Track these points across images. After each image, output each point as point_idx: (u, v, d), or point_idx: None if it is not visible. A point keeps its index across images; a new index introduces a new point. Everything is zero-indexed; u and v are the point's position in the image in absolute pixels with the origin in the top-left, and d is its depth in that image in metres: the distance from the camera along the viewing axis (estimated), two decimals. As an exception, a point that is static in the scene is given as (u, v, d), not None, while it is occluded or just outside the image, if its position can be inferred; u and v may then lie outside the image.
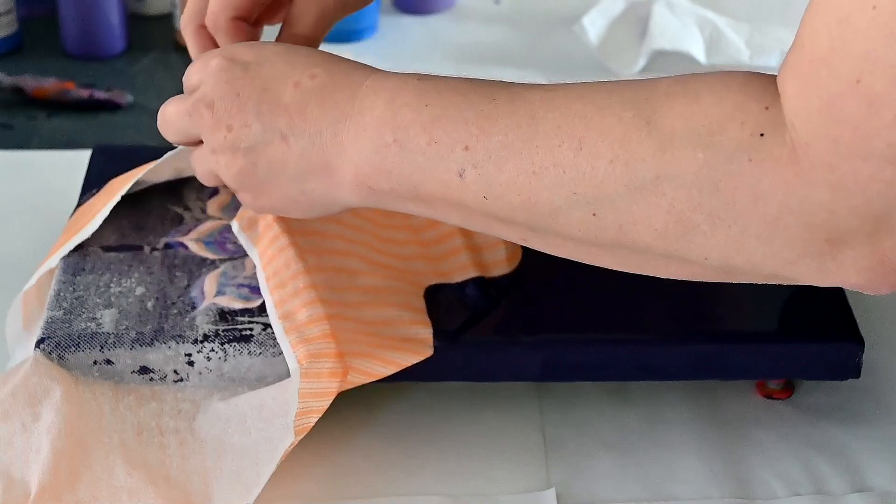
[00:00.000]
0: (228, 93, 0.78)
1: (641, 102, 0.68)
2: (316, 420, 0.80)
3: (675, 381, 0.90)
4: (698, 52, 1.29)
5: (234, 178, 0.79)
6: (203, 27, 0.86)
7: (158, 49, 1.33)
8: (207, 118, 0.79)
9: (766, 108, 0.64)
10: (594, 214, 0.69)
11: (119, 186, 0.93)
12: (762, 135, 0.64)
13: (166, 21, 1.37)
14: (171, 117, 0.82)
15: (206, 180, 0.83)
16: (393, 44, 1.32)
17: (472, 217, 0.74)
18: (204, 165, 0.82)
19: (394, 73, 0.77)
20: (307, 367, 0.80)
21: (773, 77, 0.66)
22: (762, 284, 0.70)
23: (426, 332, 0.85)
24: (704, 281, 0.71)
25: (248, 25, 0.86)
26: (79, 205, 0.96)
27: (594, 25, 1.31)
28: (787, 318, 0.87)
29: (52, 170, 1.13)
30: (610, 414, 0.89)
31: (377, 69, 0.78)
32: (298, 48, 0.80)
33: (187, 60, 1.38)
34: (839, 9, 0.61)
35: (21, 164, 1.14)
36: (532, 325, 0.87)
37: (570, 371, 0.87)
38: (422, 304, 0.87)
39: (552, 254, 0.74)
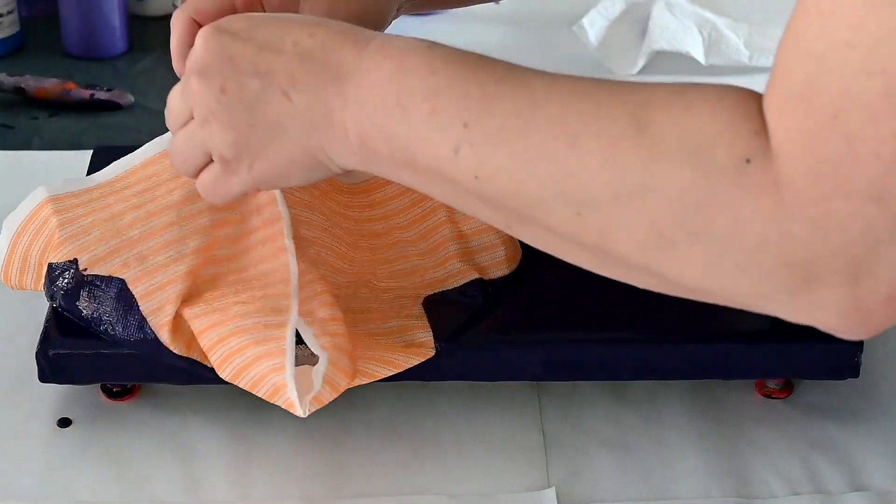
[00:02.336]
0: (220, 57, 0.75)
1: (639, 108, 0.66)
2: (317, 408, 0.80)
3: (675, 381, 0.90)
4: (698, 53, 1.29)
5: (231, 144, 0.75)
6: (194, 20, 0.84)
7: (159, 49, 1.33)
8: (197, 86, 0.75)
9: (756, 134, 0.63)
10: (578, 214, 0.67)
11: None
12: (748, 161, 0.62)
13: (167, 21, 1.36)
14: (170, 102, 0.79)
15: (186, 165, 0.78)
16: (393, 44, 1.32)
17: (461, 196, 0.72)
18: (188, 146, 0.78)
19: (402, 36, 0.74)
20: (331, 356, 0.80)
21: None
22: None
23: (426, 336, 0.85)
24: (678, 296, 0.69)
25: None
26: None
27: (594, 26, 1.31)
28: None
29: (54, 170, 1.13)
30: (609, 413, 0.89)
31: (381, 33, 0.76)
32: (290, 15, 0.78)
33: (188, 61, 1.37)
34: (813, 45, 0.60)
35: (22, 164, 1.14)
36: (532, 325, 0.88)
37: (570, 371, 0.87)
38: (420, 311, 0.87)
39: (535, 245, 0.72)
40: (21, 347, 0.90)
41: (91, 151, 1.04)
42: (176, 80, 0.88)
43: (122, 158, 0.92)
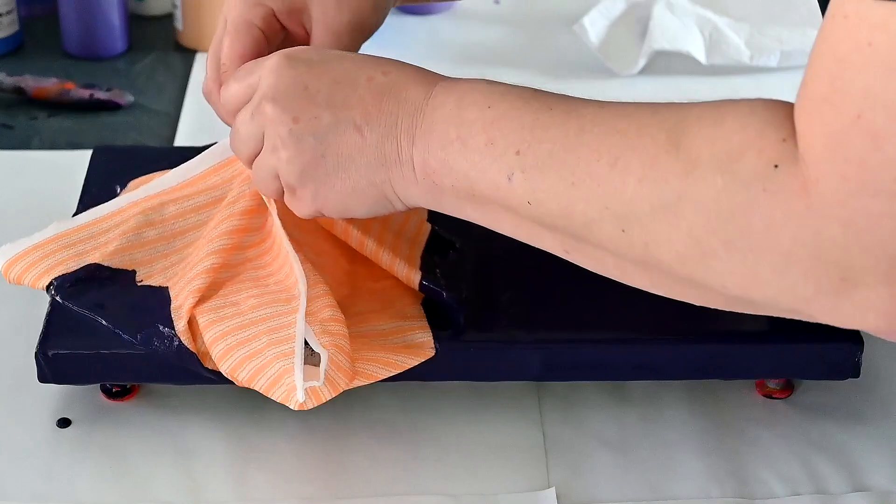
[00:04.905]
0: (294, 86, 0.77)
1: (675, 125, 0.68)
2: (314, 405, 0.80)
3: (675, 381, 0.90)
4: (698, 53, 1.29)
5: (297, 173, 0.78)
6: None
7: (159, 49, 1.33)
8: (270, 112, 0.78)
9: (784, 140, 0.64)
10: (623, 230, 0.69)
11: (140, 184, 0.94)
12: (776, 166, 0.64)
13: (167, 21, 1.37)
14: (239, 125, 0.81)
15: (264, 187, 0.81)
16: (393, 44, 1.32)
17: (519, 223, 0.75)
18: (263, 170, 0.80)
19: (468, 78, 0.77)
20: (332, 354, 0.80)
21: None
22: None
23: (426, 336, 0.85)
24: (729, 310, 0.71)
25: None
26: (79, 205, 0.96)
27: (594, 26, 1.31)
28: (787, 318, 0.87)
29: (53, 170, 1.13)
30: (610, 413, 0.89)
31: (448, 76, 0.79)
32: (361, 54, 0.81)
33: (187, 60, 1.39)
34: (836, 48, 0.61)
35: (22, 164, 1.14)
36: (532, 325, 0.87)
37: (570, 371, 0.87)
38: (420, 311, 0.87)
39: (593, 269, 0.75)
40: (21, 347, 0.90)
41: (90, 151, 1.04)
42: (174, 79, 0.89)
43: (177, 168, 0.93)
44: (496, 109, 0.74)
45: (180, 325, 0.83)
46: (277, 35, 0.88)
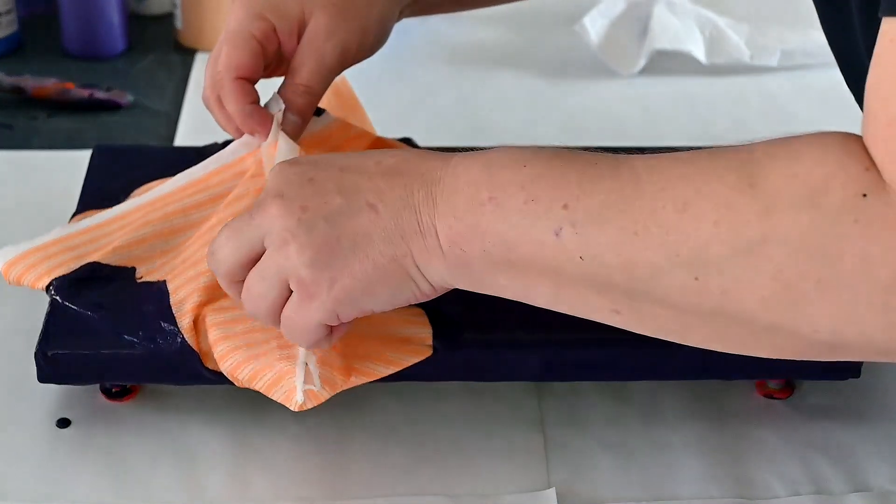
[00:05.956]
0: (299, 180, 0.74)
1: (743, 165, 0.65)
2: (313, 406, 0.80)
3: (676, 381, 0.90)
4: (698, 52, 1.29)
5: (309, 262, 0.72)
6: (240, 79, 0.87)
7: (159, 49, 1.34)
8: (275, 208, 0.73)
9: (867, 169, 0.62)
10: (696, 278, 0.65)
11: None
12: (865, 195, 0.61)
13: (166, 21, 1.37)
14: (225, 232, 0.76)
15: (260, 303, 0.75)
16: (393, 44, 1.31)
17: (564, 285, 0.70)
18: (261, 278, 0.75)
19: (487, 147, 0.74)
20: (323, 354, 0.80)
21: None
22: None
23: (424, 332, 0.85)
24: (811, 359, 0.67)
25: (252, 86, 0.88)
26: (79, 205, 0.96)
27: (595, 25, 1.31)
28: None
29: (53, 170, 1.13)
30: (610, 414, 0.89)
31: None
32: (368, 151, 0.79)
33: (187, 60, 1.38)
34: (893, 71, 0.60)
35: (21, 164, 1.14)
36: (532, 325, 0.87)
37: (570, 371, 0.87)
38: (419, 310, 0.87)
39: (643, 332, 0.71)
40: (20, 347, 0.90)
41: (90, 151, 1.04)
42: (174, 79, 0.88)
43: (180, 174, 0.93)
44: (533, 167, 0.70)
45: (184, 322, 0.83)
46: (275, 50, 0.89)
